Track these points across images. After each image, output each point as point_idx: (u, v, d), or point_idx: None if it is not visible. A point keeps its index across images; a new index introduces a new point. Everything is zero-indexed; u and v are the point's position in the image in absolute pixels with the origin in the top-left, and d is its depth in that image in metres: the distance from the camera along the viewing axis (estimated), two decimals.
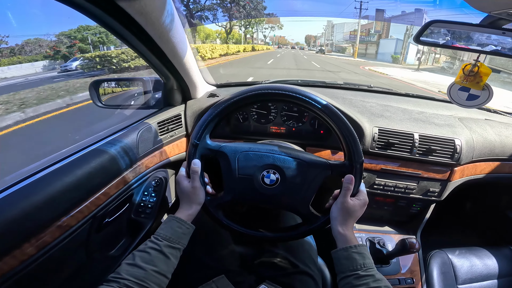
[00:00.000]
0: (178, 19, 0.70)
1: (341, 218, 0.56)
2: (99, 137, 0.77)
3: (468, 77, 0.69)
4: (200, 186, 0.60)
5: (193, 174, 0.60)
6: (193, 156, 0.61)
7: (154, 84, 0.97)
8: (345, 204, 0.56)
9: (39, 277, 0.54)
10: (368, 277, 0.48)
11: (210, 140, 0.64)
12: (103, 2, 0.52)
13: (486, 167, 0.97)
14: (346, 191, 0.57)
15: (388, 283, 0.48)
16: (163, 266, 0.49)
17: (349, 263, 0.51)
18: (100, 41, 16.92)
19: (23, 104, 5.11)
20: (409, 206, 1.01)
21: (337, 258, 0.53)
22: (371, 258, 0.52)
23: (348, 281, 0.49)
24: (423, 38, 0.63)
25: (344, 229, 0.55)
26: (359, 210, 0.57)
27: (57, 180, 0.56)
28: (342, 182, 0.59)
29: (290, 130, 1.02)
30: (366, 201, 0.59)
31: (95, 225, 0.66)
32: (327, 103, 0.59)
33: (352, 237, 0.55)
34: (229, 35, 33.30)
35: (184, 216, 0.58)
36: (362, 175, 0.59)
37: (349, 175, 0.58)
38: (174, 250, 0.52)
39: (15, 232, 0.47)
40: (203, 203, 0.62)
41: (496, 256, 0.95)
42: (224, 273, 0.65)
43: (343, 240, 0.54)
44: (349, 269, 0.50)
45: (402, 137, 0.89)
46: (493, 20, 0.59)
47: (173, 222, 0.56)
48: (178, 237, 0.54)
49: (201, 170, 0.62)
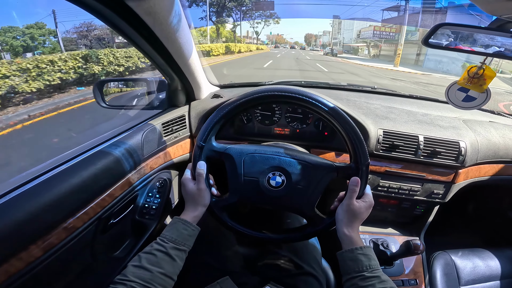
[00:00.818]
0: (185, 19, 0.70)
1: (346, 220, 0.56)
2: (104, 138, 0.76)
3: (472, 79, 0.69)
4: (206, 188, 0.60)
5: (199, 176, 0.60)
6: (199, 158, 0.61)
7: (158, 85, 0.96)
8: (351, 206, 0.56)
9: (45, 279, 0.54)
10: (374, 279, 0.48)
11: (216, 142, 0.63)
12: (112, 2, 0.52)
13: (490, 169, 0.97)
14: (352, 193, 0.57)
15: (394, 285, 0.48)
16: (169, 268, 0.49)
17: (354, 264, 0.51)
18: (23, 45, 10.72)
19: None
20: (413, 208, 1.01)
21: (343, 260, 0.53)
22: (376, 260, 0.52)
23: (354, 283, 0.49)
24: (431, 41, 0.62)
25: (350, 231, 0.56)
26: (364, 212, 0.57)
27: (63, 181, 0.56)
28: (347, 184, 0.59)
29: (294, 131, 1.02)
30: (372, 203, 0.59)
31: (100, 227, 0.66)
32: (334, 105, 0.59)
33: (358, 239, 0.55)
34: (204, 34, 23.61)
35: (190, 218, 0.58)
36: (367, 178, 0.59)
37: (355, 178, 0.58)
38: (180, 252, 0.52)
39: (22, 234, 0.47)
40: (209, 205, 0.62)
41: (499, 258, 0.95)
42: (229, 274, 0.65)
43: (348, 242, 0.54)
44: (354, 271, 0.50)
45: (407, 139, 0.89)
46: (502, 23, 0.59)
47: (179, 224, 0.56)
48: (184, 239, 0.54)
49: (207, 172, 0.62)
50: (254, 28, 40.57)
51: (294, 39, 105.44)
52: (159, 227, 0.88)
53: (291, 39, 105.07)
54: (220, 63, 12.88)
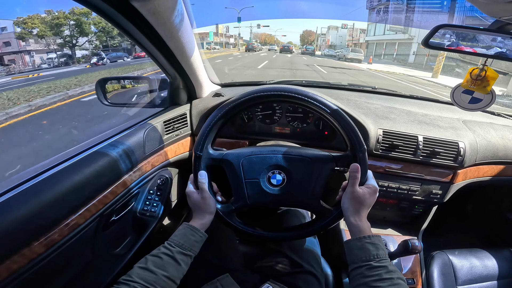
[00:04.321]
0: (188, 19, 0.71)
1: (352, 208, 0.56)
2: (106, 136, 0.77)
3: (475, 82, 0.69)
4: (210, 196, 0.61)
5: (201, 185, 0.61)
6: (199, 168, 0.62)
7: (160, 83, 0.97)
8: (355, 194, 0.56)
9: (47, 275, 0.55)
10: (381, 268, 0.47)
11: (213, 150, 0.64)
12: (118, 2, 0.53)
13: (489, 170, 0.98)
14: (354, 180, 0.57)
15: (401, 275, 0.47)
16: (173, 271, 0.50)
17: (362, 253, 0.50)
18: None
19: None
20: (411, 207, 1.01)
21: (350, 248, 0.52)
22: (385, 249, 0.51)
23: (360, 272, 0.48)
24: (432, 41, 0.63)
25: (357, 219, 0.55)
26: (369, 198, 0.57)
27: (66, 179, 0.56)
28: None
29: (294, 130, 1.03)
30: (376, 189, 0.58)
31: (102, 224, 0.67)
32: (321, 97, 0.59)
33: (366, 227, 0.54)
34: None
35: (198, 225, 0.58)
36: (367, 163, 0.59)
37: (354, 164, 0.58)
38: (185, 257, 0.53)
39: (24, 231, 0.48)
40: (216, 212, 0.62)
41: (496, 258, 0.96)
42: (229, 272, 0.65)
43: (356, 231, 0.54)
44: (361, 260, 0.49)
45: (406, 139, 0.89)
46: (502, 25, 0.59)
47: (187, 230, 0.57)
48: (190, 245, 0.55)
49: (209, 180, 0.63)
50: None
51: (287, 39, 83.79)
52: (159, 224, 0.88)
53: (284, 35, 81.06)
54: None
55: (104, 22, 15.03)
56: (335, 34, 43.54)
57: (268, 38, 71.71)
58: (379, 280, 0.46)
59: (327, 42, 45.07)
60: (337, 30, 43.05)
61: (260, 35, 72.03)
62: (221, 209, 0.63)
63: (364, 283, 0.47)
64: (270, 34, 74.13)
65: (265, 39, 71.43)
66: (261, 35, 72.65)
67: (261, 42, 66.88)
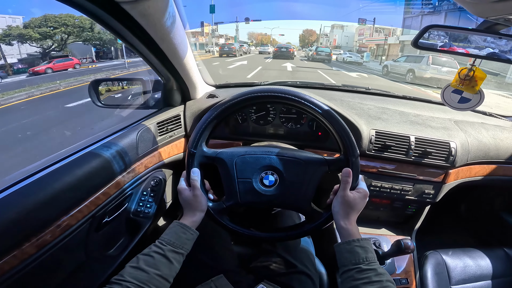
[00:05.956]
0: (180, 20, 0.71)
1: (342, 212, 0.57)
2: (98, 137, 0.77)
3: (464, 81, 0.70)
4: (201, 193, 0.61)
5: (193, 182, 0.61)
6: (191, 165, 0.62)
7: (153, 84, 0.97)
8: (345, 198, 0.57)
9: (39, 276, 0.55)
10: (370, 271, 0.48)
11: (207, 148, 0.64)
12: (107, 4, 0.53)
13: (481, 170, 0.99)
14: (345, 184, 0.58)
15: (390, 278, 0.48)
16: (166, 270, 0.50)
17: (351, 256, 0.51)
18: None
19: None
20: (404, 207, 1.02)
21: (340, 252, 0.53)
22: (373, 252, 0.52)
23: (350, 275, 0.49)
24: (421, 41, 0.64)
25: (347, 223, 0.56)
26: (360, 202, 0.57)
27: (58, 180, 0.56)
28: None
29: (288, 131, 1.03)
30: (367, 194, 0.59)
31: (94, 225, 0.67)
32: (314, 99, 0.60)
33: (355, 231, 0.55)
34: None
35: (189, 222, 0.58)
36: (359, 169, 0.59)
37: (346, 169, 0.58)
38: (177, 255, 0.53)
39: (16, 232, 0.48)
40: (207, 209, 0.62)
41: (490, 257, 0.96)
42: (223, 273, 0.65)
43: (346, 234, 0.54)
44: (351, 263, 0.50)
45: (399, 139, 0.90)
46: (490, 25, 0.60)
47: (178, 228, 0.56)
48: (182, 243, 0.55)
49: (201, 178, 0.63)
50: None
51: (286, 40, 71.23)
52: (153, 226, 0.88)
53: (282, 35, 65.55)
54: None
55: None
56: (341, 34, 36.43)
57: (264, 38, 62.08)
58: (368, 283, 0.47)
59: (333, 42, 36.61)
60: (343, 29, 36.54)
61: (256, 35, 66.22)
62: (212, 207, 0.63)
63: (354, 286, 0.48)
64: (265, 34, 63.84)
65: (261, 39, 61.87)
66: (257, 35, 66.08)
67: (257, 42, 58.88)
